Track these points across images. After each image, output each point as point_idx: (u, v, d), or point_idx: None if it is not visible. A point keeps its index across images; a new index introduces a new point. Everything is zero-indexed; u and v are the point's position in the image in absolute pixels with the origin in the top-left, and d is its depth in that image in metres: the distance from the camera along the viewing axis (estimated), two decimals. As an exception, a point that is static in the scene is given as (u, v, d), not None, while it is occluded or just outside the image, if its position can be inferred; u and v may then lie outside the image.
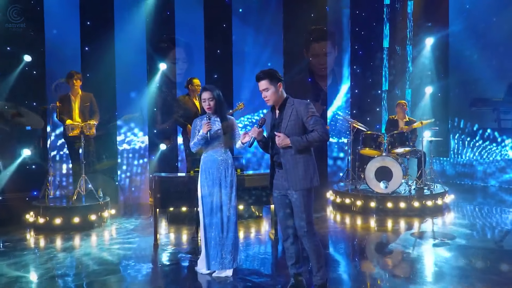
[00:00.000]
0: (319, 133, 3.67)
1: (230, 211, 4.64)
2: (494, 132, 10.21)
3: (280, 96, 3.85)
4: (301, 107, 3.74)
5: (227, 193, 4.66)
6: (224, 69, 9.52)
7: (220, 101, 4.65)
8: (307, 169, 3.75)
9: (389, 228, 6.63)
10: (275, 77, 3.83)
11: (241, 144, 4.59)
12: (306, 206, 3.74)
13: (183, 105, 7.35)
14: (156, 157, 8.93)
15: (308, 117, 3.71)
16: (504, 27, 9.83)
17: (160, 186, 5.56)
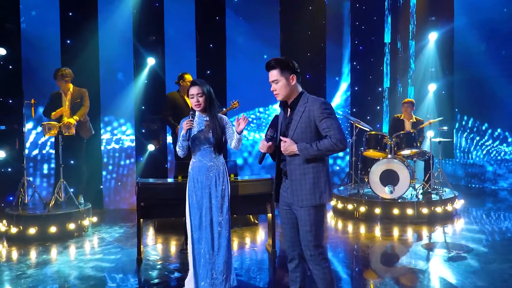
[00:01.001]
0: (332, 141, 3.03)
1: (222, 225, 4.05)
2: (504, 132, 9.66)
3: (292, 91, 3.22)
4: (315, 106, 3.11)
5: (217, 204, 4.07)
6: (217, 64, 8.90)
7: (211, 98, 4.07)
8: (317, 182, 3.12)
9: (397, 238, 6.07)
10: (288, 67, 3.19)
11: (236, 143, 4.03)
12: (313, 225, 3.11)
13: (172, 103, 6.78)
14: (144, 158, 8.32)
15: (322, 119, 3.08)
16: None
17: (144, 193, 4.95)
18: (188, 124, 3.98)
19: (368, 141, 7.23)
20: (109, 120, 8.14)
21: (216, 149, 4.08)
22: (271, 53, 9.09)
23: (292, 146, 3.11)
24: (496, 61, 9.58)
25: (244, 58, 8.93)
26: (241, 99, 7.22)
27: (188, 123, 3.99)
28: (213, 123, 4.05)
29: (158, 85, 8.26)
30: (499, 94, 9.56)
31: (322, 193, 3.12)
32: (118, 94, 8.06)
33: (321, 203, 3.12)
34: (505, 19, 9.51)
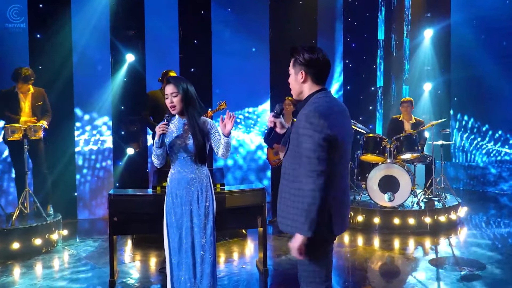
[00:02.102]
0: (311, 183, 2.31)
1: (205, 248, 3.44)
2: (506, 134, 9.20)
3: (301, 91, 2.59)
4: (301, 118, 2.42)
5: (200, 224, 3.46)
6: (202, 61, 8.27)
7: (188, 98, 3.45)
8: (309, 206, 2.32)
9: (399, 251, 5.52)
10: (298, 60, 2.56)
11: (224, 149, 3.43)
12: (301, 270, 2.51)
13: (153, 102, 6.19)
14: (122, 162, 7.68)
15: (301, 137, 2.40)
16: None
17: (117, 207, 4.32)
18: (161, 129, 3.39)
19: (366, 144, 6.68)
20: (84, 118, 7.46)
21: (197, 159, 3.47)
22: (260, 49, 8.51)
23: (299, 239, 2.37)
24: (495, 58, 9.11)
25: (232, 54, 8.31)
26: (229, 99, 6.64)
27: (161, 127, 3.39)
28: (193, 128, 3.44)
29: (138, 84, 7.61)
30: (498, 92, 9.10)
31: (311, 222, 2.32)
32: (93, 93, 7.40)
33: (307, 235, 2.34)
34: (504, 13, 9.03)
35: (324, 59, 2.56)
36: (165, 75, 6.24)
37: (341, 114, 2.52)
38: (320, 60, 2.54)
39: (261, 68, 8.58)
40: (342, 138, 2.42)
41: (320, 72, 2.55)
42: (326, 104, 2.45)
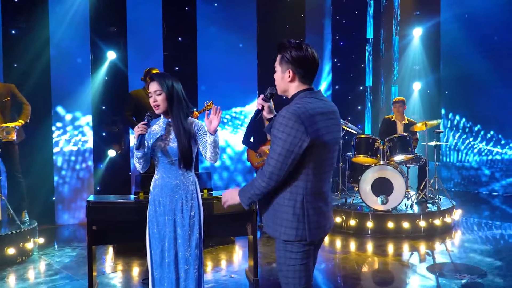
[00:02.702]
0: (262, 172, 2.33)
1: (189, 262, 3.15)
2: (498, 134, 9.05)
3: (286, 90, 2.48)
4: (277, 118, 2.33)
5: (184, 235, 3.16)
6: (187, 59, 7.95)
7: (172, 96, 3.16)
8: (284, 211, 2.37)
9: (395, 258, 5.29)
10: (285, 58, 2.41)
11: (212, 150, 3.13)
12: (279, 270, 2.45)
13: (136, 101, 5.90)
14: (103, 165, 7.32)
15: (273, 138, 2.34)
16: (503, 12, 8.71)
17: (96, 215, 4.00)
18: (140, 129, 3.09)
19: (358, 145, 6.44)
20: (62, 116, 7.09)
21: (181, 163, 3.17)
22: (247, 47, 8.22)
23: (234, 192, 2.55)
24: (486, 56, 8.95)
25: (218, 52, 8.01)
26: (215, 98, 6.35)
27: (140, 127, 3.10)
28: (177, 129, 3.14)
29: (120, 82, 7.25)
30: (489, 90, 8.93)
31: (286, 226, 2.37)
32: (72, 92, 7.03)
33: (281, 238, 2.39)
34: (493, 9, 8.87)
35: (312, 57, 2.40)
36: (148, 74, 5.96)
37: (325, 116, 2.36)
38: (309, 58, 2.39)
39: (249, 66, 8.30)
40: (324, 142, 2.32)
41: (308, 71, 2.41)
42: (308, 106, 2.30)
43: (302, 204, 2.34)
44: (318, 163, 2.34)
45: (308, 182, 2.33)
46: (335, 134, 2.43)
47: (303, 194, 2.34)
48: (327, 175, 2.44)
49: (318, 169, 2.35)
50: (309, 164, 2.31)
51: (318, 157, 2.33)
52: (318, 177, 2.36)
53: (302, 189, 2.34)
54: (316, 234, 2.38)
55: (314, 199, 2.36)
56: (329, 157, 2.42)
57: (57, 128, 7.02)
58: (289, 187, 2.36)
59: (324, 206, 2.43)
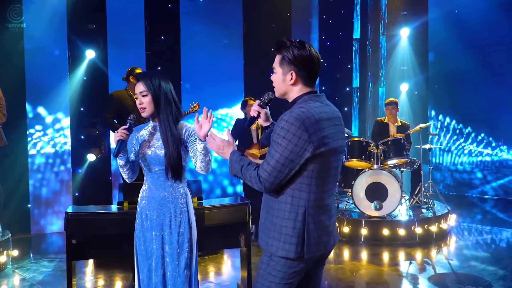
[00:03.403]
0: (256, 173, 2.16)
1: (177, 285, 2.83)
2: (489, 136, 8.93)
3: (285, 92, 2.27)
4: (278, 123, 2.13)
5: (173, 254, 2.85)
6: (170, 59, 7.60)
7: (159, 98, 2.84)
8: (284, 224, 2.17)
9: (394, 267, 5.04)
10: (286, 58, 2.19)
11: (202, 158, 2.83)
12: (257, 282, 2.26)
13: (118, 103, 5.56)
14: (82, 170, 6.92)
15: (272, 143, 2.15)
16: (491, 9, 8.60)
17: (76, 227, 3.65)
18: (119, 134, 2.79)
19: (351, 149, 6.19)
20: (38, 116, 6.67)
21: (169, 173, 2.84)
22: (233, 46, 7.91)
23: (228, 149, 2.39)
24: (475, 56, 8.83)
25: (202, 51, 7.69)
26: (200, 99, 6.03)
27: (120, 132, 2.79)
28: (165, 135, 2.83)
29: (99, 83, 6.86)
30: (478, 91, 8.79)
31: (284, 241, 2.16)
32: (49, 93, 6.62)
33: (277, 254, 2.18)
34: (480, 7, 8.74)
35: (316, 57, 2.22)
36: (131, 73, 5.63)
37: (331, 122, 2.18)
38: (313, 58, 2.20)
39: (235, 66, 8.00)
40: (329, 150, 2.14)
41: (311, 73, 2.22)
42: (313, 111, 2.11)
43: (303, 218, 2.14)
44: (323, 173, 2.15)
45: (311, 193, 2.14)
46: (340, 142, 2.23)
47: (305, 206, 2.14)
48: (331, 186, 2.23)
49: (322, 179, 2.16)
50: (313, 174, 2.12)
51: (323, 166, 2.14)
52: (321, 188, 2.17)
53: (304, 200, 2.14)
54: (314, 251, 2.17)
55: (317, 213, 2.16)
56: (334, 166, 2.21)
57: (33, 128, 6.60)
58: (291, 198, 2.15)
59: (326, 219, 2.21)
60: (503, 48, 8.42)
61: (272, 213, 2.20)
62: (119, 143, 2.77)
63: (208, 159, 2.82)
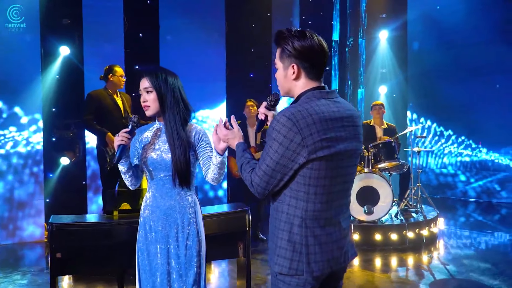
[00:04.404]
0: (250, 176, 1.98)
1: None
2: (469, 139, 8.96)
3: (291, 89, 2.04)
4: (271, 123, 1.94)
5: (180, 270, 2.59)
6: (148, 57, 7.24)
7: (165, 95, 2.58)
8: (279, 236, 1.96)
9: (393, 275, 4.88)
10: (286, 51, 1.98)
11: (216, 171, 2.57)
12: None
13: (97, 103, 5.22)
14: (55, 175, 6.48)
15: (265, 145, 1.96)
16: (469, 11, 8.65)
17: (62, 240, 3.30)
18: (120, 138, 2.50)
19: (340, 152, 6.00)
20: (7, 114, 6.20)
21: (177, 180, 2.57)
22: (215, 46, 7.62)
23: (233, 140, 2.20)
24: (454, 59, 8.86)
25: (183, 50, 7.36)
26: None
27: (121, 135, 2.50)
28: (171, 137, 2.55)
29: (75, 81, 6.45)
30: (457, 93, 8.80)
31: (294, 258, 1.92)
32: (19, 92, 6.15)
33: (288, 272, 1.93)
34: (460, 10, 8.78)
35: (320, 47, 1.98)
36: (110, 71, 5.32)
37: (338, 123, 1.93)
38: (316, 48, 1.97)
39: (217, 66, 7.70)
40: (332, 154, 1.90)
41: (315, 65, 1.99)
42: (313, 110, 1.89)
43: (299, 230, 1.92)
44: (324, 180, 1.91)
45: (309, 202, 1.91)
46: (350, 145, 1.96)
47: (302, 217, 1.92)
48: (337, 196, 1.97)
49: (323, 187, 1.91)
50: (310, 181, 1.90)
51: (324, 173, 1.90)
52: (323, 198, 1.92)
53: (301, 210, 1.92)
54: (318, 269, 1.92)
55: (316, 225, 1.93)
56: (341, 173, 1.96)
57: (7, 129, 6.13)
58: (287, 206, 1.95)
59: (333, 234, 1.97)
60: (483, 49, 8.45)
61: (273, 222, 2.01)
62: (120, 148, 2.48)
63: (222, 171, 2.56)
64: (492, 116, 8.40)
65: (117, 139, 2.49)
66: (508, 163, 8.50)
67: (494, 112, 8.38)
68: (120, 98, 5.35)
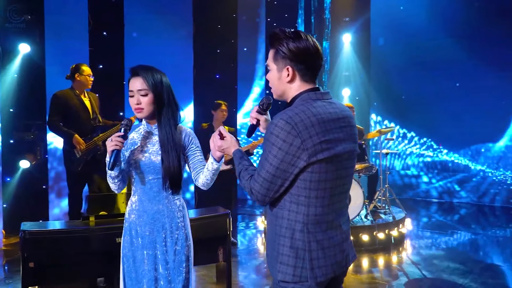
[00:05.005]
0: (249, 183, 1.93)
1: None
2: (430, 140, 9.20)
3: (285, 92, 1.99)
4: (268, 128, 1.88)
5: (168, 276, 2.49)
6: (113, 57, 7.00)
7: (161, 97, 2.49)
8: (281, 243, 1.90)
9: (368, 275, 4.92)
10: (280, 52, 1.94)
11: (209, 177, 2.49)
12: None
13: (64, 104, 4.99)
14: (14, 179, 6.15)
15: (263, 151, 1.91)
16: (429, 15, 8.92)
17: (35, 249, 3.10)
18: (114, 143, 2.36)
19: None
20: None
21: (167, 184, 2.48)
22: (182, 46, 7.48)
23: (229, 148, 2.15)
24: (414, 62, 9.10)
25: (148, 48, 7.18)
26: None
27: (115, 140, 2.36)
28: (166, 141, 2.45)
29: (35, 81, 6.18)
30: (419, 95, 9.04)
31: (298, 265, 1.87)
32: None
33: (288, 279, 1.88)
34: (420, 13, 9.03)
35: (315, 48, 1.95)
36: (77, 70, 5.09)
37: (335, 124, 1.90)
38: (311, 50, 1.94)
39: (183, 67, 7.56)
40: (331, 156, 1.86)
41: (311, 67, 1.96)
42: (310, 112, 1.86)
43: (302, 235, 1.87)
44: (324, 184, 1.87)
45: (310, 207, 1.87)
46: (348, 146, 1.94)
47: (304, 222, 1.87)
48: (337, 199, 1.95)
49: (323, 190, 1.88)
50: (311, 185, 1.86)
51: (324, 176, 1.87)
52: (324, 201, 1.89)
53: (302, 215, 1.88)
54: (322, 274, 1.89)
55: (319, 229, 1.89)
56: (341, 175, 1.93)
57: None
58: (288, 212, 1.90)
59: (334, 237, 1.94)
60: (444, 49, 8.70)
61: (272, 229, 1.95)
62: (114, 153, 2.35)
63: (215, 177, 2.49)
64: (452, 117, 8.65)
65: (110, 144, 2.35)
66: (467, 163, 8.80)
67: (454, 112, 8.62)
68: (88, 98, 5.13)
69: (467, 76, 8.54)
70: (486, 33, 8.34)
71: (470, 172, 8.78)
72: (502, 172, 8.42)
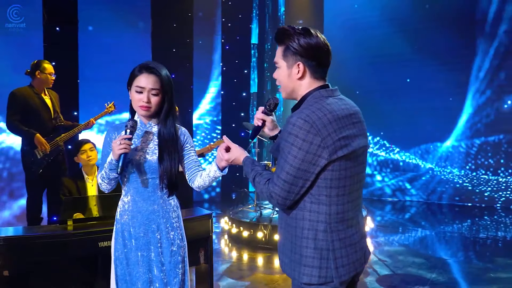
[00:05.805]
0: (268, 187, 1.88)
1: None
2: (383, 139, 9.50)
3: (295, 89, 1.96)
4: (285, 128, 1.84)
5: (164, 279, 2.42)
6: (66, 53, 6.66)
7: (171, 97, 2.42)
8: (303, 245, 1.87)
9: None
10: (291, 48, 1.90)
11: (206, 182, 2.44)
12: None
13: (23, 103, 4.70)
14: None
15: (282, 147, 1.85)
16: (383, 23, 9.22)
17: (10, 256, 2.88)
18: (122, 146, 2.25)
19: (277, 154, 6.03)
20: None
21: (163, 184, 2.40)
22: (140, 43, 7.26)
23: (238, 159, 2.14)
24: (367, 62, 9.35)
25: (105, 44, 6.92)
26: (102, 102, 5.38)
27: (123, 143, 2.25)
28: (168, 142, 2.40)
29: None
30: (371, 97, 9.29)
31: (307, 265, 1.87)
32: None
33: (304, 280, 1.87)
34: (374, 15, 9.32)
35: (325, 45, 1.93)
36: (37, 67, 4.82)
37: (349, 120, 1.90)
38: (321, 45, 1.91)
39: (141, 61, 7.33)
40: (349, 153, 1.86)
41: (321, 63, 1.94)
42: (325, 109, 1.84)
43: (325, 235, 1.86)
44: (344, 181, 1.87)
45: (331, 205, 1.86)
46: (362, 141, 1.96)
47: (326, 222, 1.85)
48: (355, 195, 1.96)
49: (344, 188, 1.88)
50: (332, 183, 1.84)
51: (344, 173, 1.86)
52: (344, 199, 1.89)
53: (324, 215, 1.85)
54: (346, 273, 1.89)
55: (341, 227, 1.89)
56: (357, 171, 1.95)
57: None
58: (309, 213, 1.87)
59: (354, 234, 1.94)
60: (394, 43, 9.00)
61: (291, 231, 1.91)
62: (122, 157, 2.24)
63: (212, 183, 2.46)
64: (403, 115, 8.95)
65: (118, 148, 2.23)
66: (417, 162, 9.17)
67: (404, 110, 8.93)
68: (49, 96, 4.86)
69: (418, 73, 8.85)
70: (436, 31, 8.69)
71: (420, 171, 9.15)
72: (450, 171, 8.85)
